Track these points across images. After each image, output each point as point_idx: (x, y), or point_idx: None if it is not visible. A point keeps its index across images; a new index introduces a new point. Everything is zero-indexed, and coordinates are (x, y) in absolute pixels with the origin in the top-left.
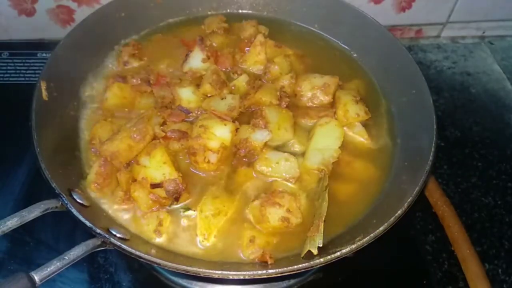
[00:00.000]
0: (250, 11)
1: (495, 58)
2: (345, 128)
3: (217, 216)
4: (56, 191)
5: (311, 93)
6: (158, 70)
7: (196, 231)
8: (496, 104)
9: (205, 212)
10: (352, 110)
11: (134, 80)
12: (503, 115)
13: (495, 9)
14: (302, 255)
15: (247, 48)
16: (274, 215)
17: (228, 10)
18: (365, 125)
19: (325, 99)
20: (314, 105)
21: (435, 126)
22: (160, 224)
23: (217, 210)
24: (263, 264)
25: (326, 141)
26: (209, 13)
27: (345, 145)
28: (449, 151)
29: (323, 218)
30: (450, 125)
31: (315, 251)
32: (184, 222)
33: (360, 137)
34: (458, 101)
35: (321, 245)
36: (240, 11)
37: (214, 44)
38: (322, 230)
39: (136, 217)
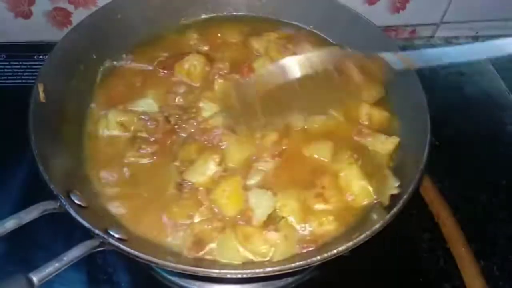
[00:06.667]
0: (245, 13)
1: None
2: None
3: None
4: (54, 193)
5: None
6: None
7: None
8: (490, 103)
9: None
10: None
11: None
12: (497, 114)
13: (488, 9)
14: (387, 203)
15: None
16: None
17: (225, 13)
18: None
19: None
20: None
21: (429, 125)
22: None
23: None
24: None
25: None
26: (203, 16)
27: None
28: (443, 149)
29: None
30: (444, 124)
31: (396, 191)
32: None
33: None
34: (452, 100)
35: (398, 183)
36: (235, 13)
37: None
38: (389, 172)
39: None
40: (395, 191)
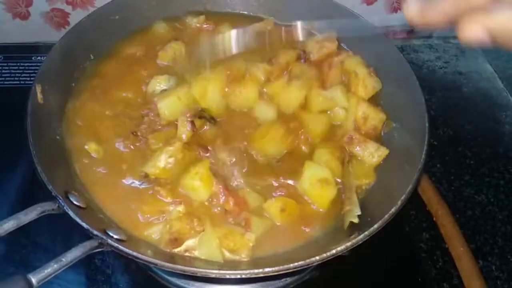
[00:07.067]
0: (244, 12)
1: (486, 57)
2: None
3: None
4: (53, 194)
5: (318, 45)
6: None
7: None
8: (488, 103)
9: None
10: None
11: None
12: (495, 113)
13: None
14: (345, 227)
15: None
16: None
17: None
18: None
19: (331, 46)
20: (323, 55)
21: (427, 125)
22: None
23: None
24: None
25: None
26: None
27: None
28: (441, 149)
29: (354, 189)
30: (443, 124)
31: (356, 220)
32: None
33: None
34: (450, 100)
35: (359, 213)
36: (231, 11)
37: None
38: (356, 199)
39: None
40: (355, 220)
